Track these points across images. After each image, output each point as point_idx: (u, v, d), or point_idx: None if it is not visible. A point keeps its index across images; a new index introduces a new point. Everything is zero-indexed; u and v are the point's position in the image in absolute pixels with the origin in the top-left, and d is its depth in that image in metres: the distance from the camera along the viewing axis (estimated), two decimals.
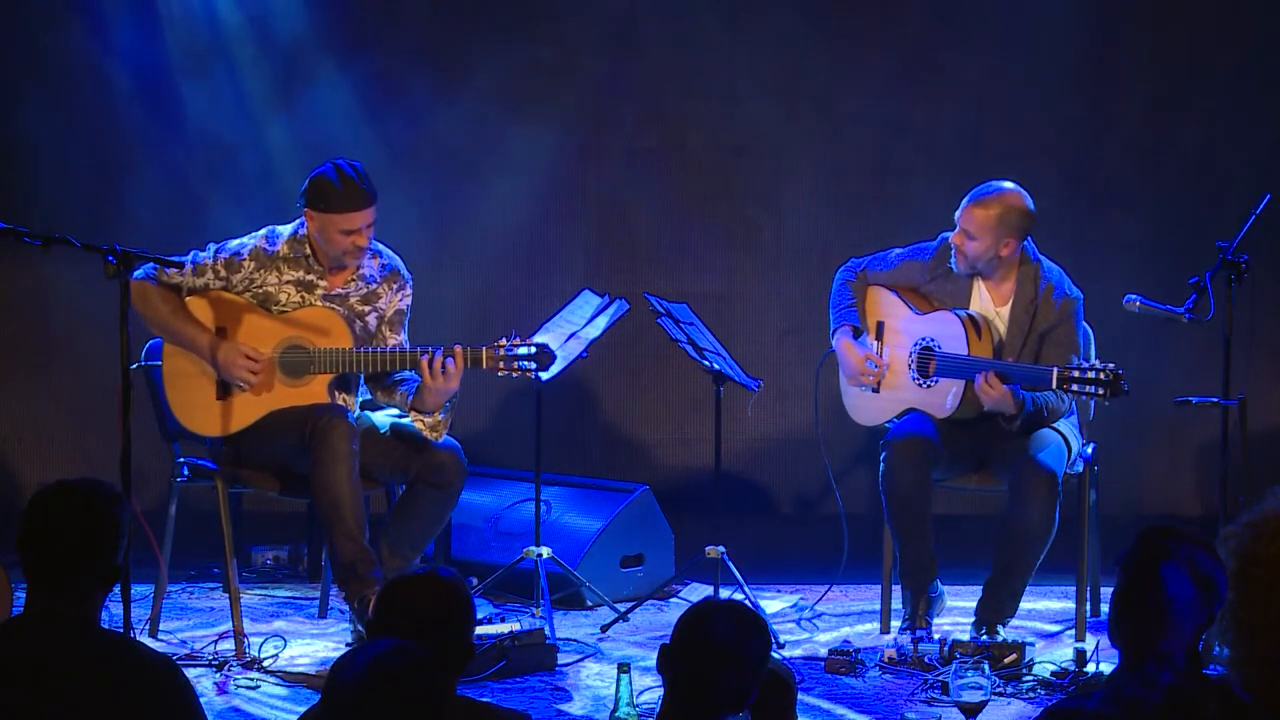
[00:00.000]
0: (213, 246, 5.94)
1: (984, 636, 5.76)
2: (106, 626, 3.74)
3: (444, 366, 5.73)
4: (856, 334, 6.15)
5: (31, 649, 3.48)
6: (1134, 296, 5.98)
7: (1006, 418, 5.83)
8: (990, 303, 6.01)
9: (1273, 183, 6.17)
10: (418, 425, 5.87)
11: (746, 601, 5.82)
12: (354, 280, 5.98)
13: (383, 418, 6.02)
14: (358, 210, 5.84)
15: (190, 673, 4.70)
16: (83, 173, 7.71)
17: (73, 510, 3.57)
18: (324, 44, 7.73)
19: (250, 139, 7.70)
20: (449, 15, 7.75)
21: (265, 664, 5.69)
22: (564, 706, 5.42)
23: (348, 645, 5.92)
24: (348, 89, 7.76)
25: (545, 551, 6.23)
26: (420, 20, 7.78)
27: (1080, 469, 6.10)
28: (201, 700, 3.65)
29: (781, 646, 6.02)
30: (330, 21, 7.73)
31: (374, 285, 5.99)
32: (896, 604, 6.10)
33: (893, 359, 6.10)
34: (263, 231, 5.98)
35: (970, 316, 5.96)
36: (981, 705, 4.90)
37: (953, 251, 5.97)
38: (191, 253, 5.91)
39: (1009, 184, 5.95)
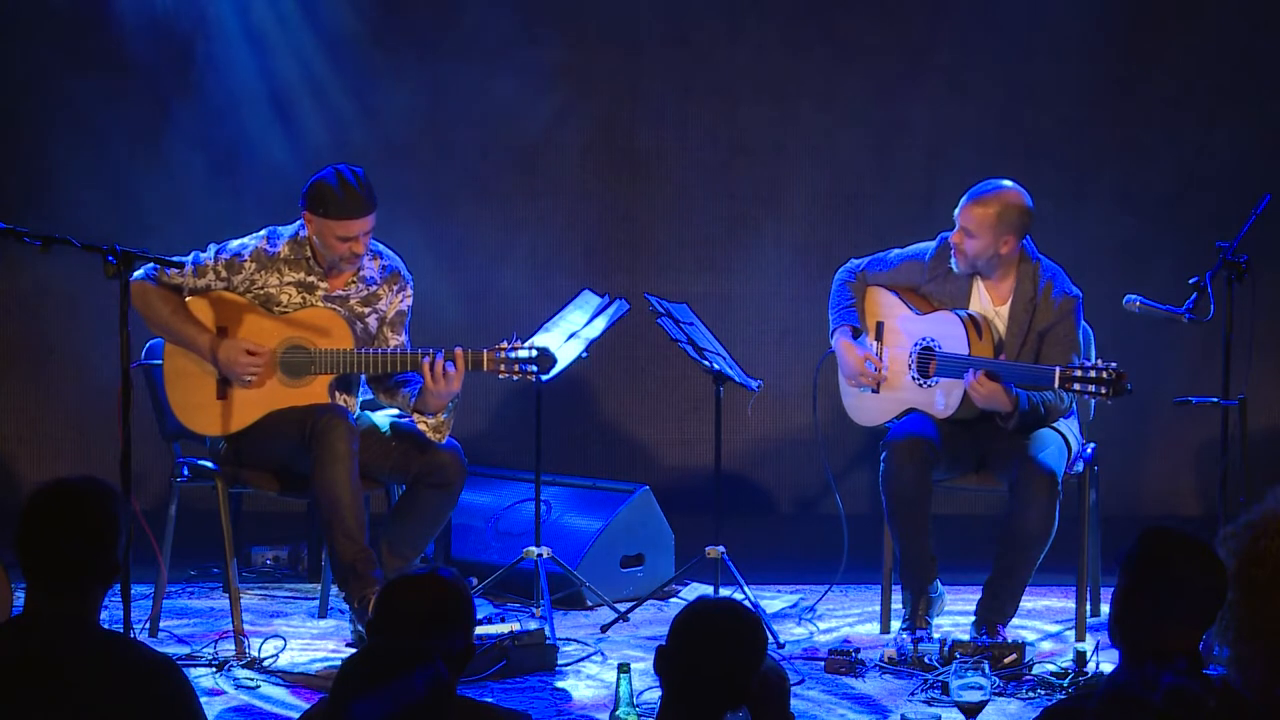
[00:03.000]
0: (213, 247, 5.92)
1: (984, 636, 5.75)
2: (106, 626, 3.74)
3: (445, 369, 5.73)
4: (856, 334, 6.15)
5: (31, 649, 3.47)
6: (1134, 296, 5.97)
7: (1003, 416, 5.83)
8: (989, 302, 6.01)
9: (1273, 183, 6.17)
10: (420, 426, 5.87)
11: (745, 601, 5.82)
12: (354, 281, 5.97)
13: (383, 417, 6.01)
14: (355, 218, 5.81)
15: (190, 673, 4.71)
16: (87, 175, 7.72)
17: (72, 509, 3.56)
18: (324, 44, 7.74)
19: (252, 139, 7.71)
20: (449, 15, 7.75)
21: (265, 664, 5.69)
22: (564, 706, 5.42)
23: (348, 645, 5.92)
24: (348, 89, 7.77)
25: (545, 551, 6.23)
26: (420, 20, 7.77)
27: (1080, 469, 6.09)
28: (201, 700, 3.65)
29: (781, 646, 6.02)
30: (330, 22, 7.73)
31: (374, 286, 5.98)
32: (896, 604, 6.09)
33: (892, 359, 6.10)
34: (263, 232, 5.96)
35: (970, 316, 5.96)
36: (981, 705, 4.89)
37: (952, 251, 5.97)
38: (192, 253, 5.89)
39: (1007, 182, 5.94)
